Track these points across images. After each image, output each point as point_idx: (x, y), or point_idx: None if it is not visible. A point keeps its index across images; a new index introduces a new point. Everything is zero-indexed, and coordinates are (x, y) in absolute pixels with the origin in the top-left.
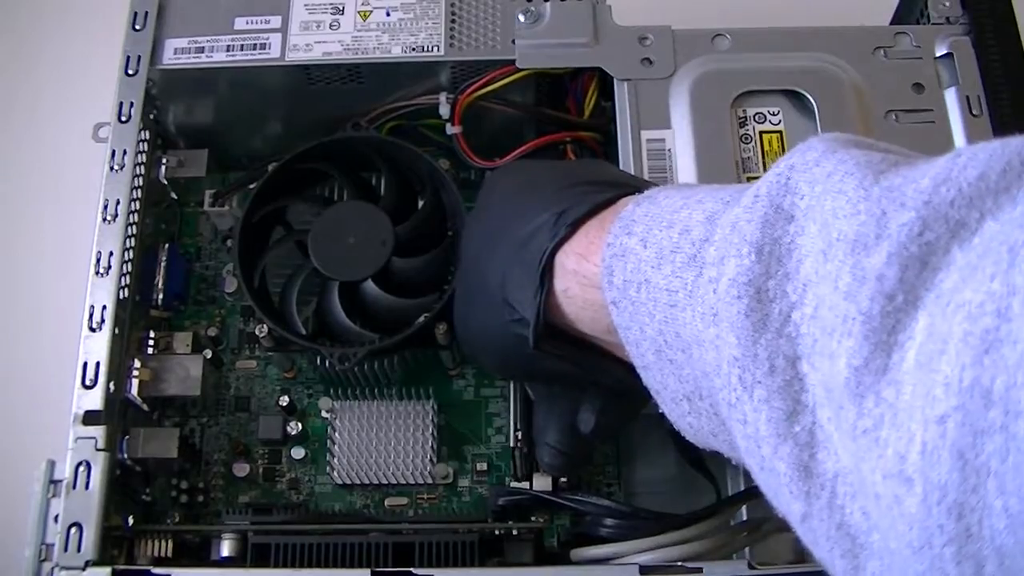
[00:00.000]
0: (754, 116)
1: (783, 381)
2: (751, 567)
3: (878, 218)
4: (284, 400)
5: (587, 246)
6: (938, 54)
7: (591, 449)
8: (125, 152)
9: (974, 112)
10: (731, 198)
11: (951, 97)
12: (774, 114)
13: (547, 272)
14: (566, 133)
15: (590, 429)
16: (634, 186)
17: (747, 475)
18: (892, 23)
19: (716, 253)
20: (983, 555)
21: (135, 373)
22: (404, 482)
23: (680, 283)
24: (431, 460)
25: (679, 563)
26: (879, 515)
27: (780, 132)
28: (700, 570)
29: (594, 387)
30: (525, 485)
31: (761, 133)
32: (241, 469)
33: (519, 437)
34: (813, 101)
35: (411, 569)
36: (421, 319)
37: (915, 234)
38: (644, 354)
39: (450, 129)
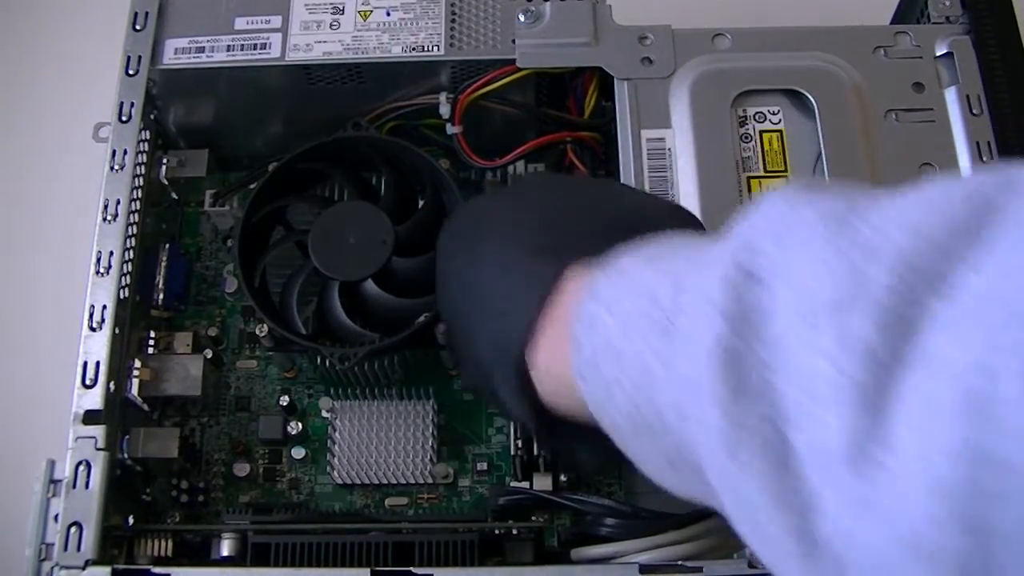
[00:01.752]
0: (754, 115)
1: (769, 446)
2: (751, 566)
3: (854, 278)
4: (284, 400)
5: (554, 339)
6: (938, 53)
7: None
8: (126, 152)
9: (974, 111)
10: (698, 260)
11: (951, 96)
12: (774, 113)
13: (524, 373)
14: (566, 133)
15: (591, 470)
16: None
17: None
18: (892, 23)
19: (686, 320)
20: None
21: (135, 373)
22: (404, 482)
23: (652, 353)
24: (431, 460)
25: (679, 562)
26: None
27: (780, 131)
28: (700, 569)
29: None
30: (525, 485)
31: (761, 132)
32: (241, 469)
33: (519, 445)
34: (813, 100)
35: (411, 568)
36: (421, 319)
37: (893, 292)
38: (619, 426)
39: (450, 129)
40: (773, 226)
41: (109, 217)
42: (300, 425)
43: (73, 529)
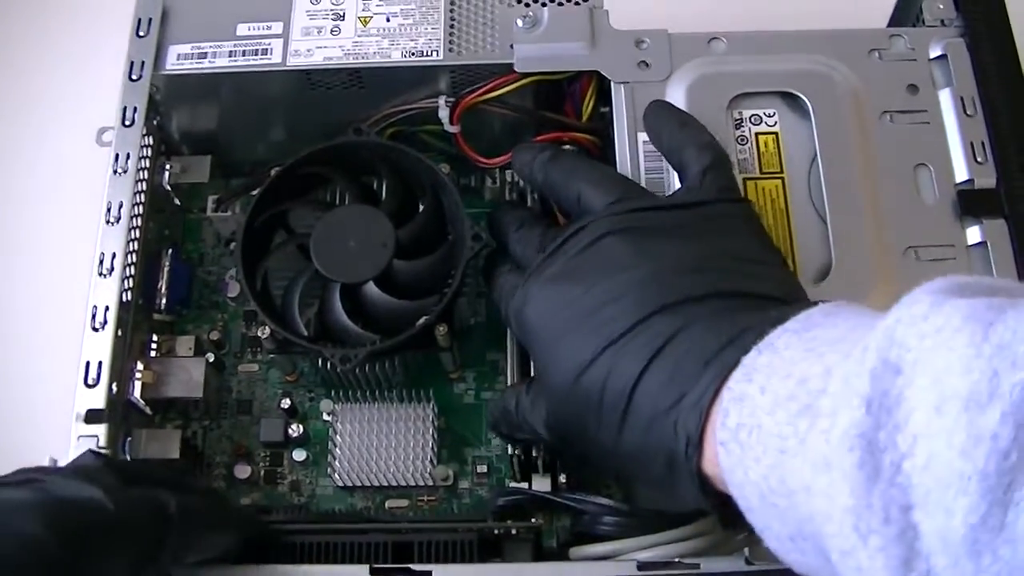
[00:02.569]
0: (750, 118)
1: (898, 530)
2: (748, 563)
3: (990, 377)
4: (286, 403)
5: (712, 422)
6: (932, 56)
7: None
8: (128, 156)
9: (968, 112)
10: (849, 351)
11: (945, 98)
12: (770, 116)
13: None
14: (563, 133)
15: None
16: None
17: None
18: (888, 26)
19: (829, 404)
20: None
21: (138, 375)
22: (404, 484)
23: (791, 430)
24: (431, 462)
25: (677, 560)
26: None
27: (776, 134)
28: (697, 566)
29: None
30: (524, 485)
31: (757, 135)
32: (243, 471)
33: (517, 447)
34: (808, 103)
35: (410, 566)
36: (422, 321)
37: None
38: (748, 496)
39: (449, 127)
40: (918, 323)
41: (112, 219)
42: (301, 428)
43: None
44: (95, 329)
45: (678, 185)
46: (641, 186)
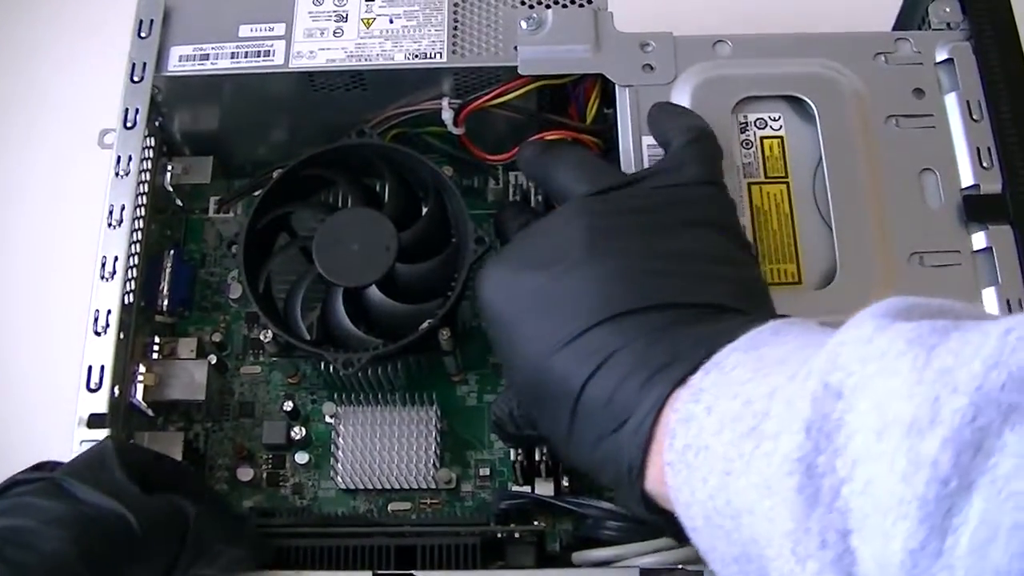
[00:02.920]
0: (755, 122)
1: (835, 554)
2: None
3: (932, 403)
4: (288, 405)
5: (658, 441)
6: (938, 59)
7: None
8: (130, 158)
9: (974, 117)
10: (794, 372)
11: (951, 102)
12: (775, 120)
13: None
14: (567, 135)
15: None
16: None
17: None
18: (894, 29)
19: (772, 427)
20: None
21: (140, 378)
22: (407, 487)
23: (737, 452)
24: (434, 465)
25: (679, 566)
26: None
27: (781, 137)
28: (700, 573)
29: None
30: (527, 489)
31: (762, 139)
32: (245, 473)
33: (519, 451)
34: (814, 106)
35: (413, 572)
36: (425, 325)
37: (968, 420)
38: (694, 516)
39: (455, 130)
40: (861, 348)
41: (114, 222)
42: (304, 430)
43: None
44: (97, 333)
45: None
46: (620, 171)
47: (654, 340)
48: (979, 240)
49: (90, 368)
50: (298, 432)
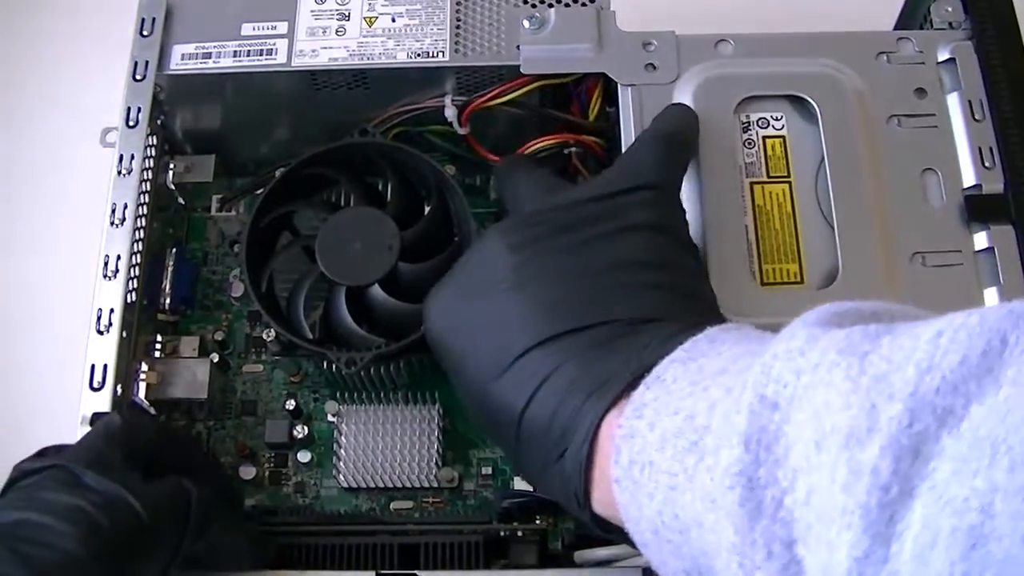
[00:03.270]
0: (757, 121)
1: (780, 565)
2: None
3: (868, 411)
4: (290, 404)
5: (604, 458)
6: (940, 59)
7: None
8: (133, 157)
9: (976, 117)
10: (732, 384)
11: (953, 101)
12: (777, 119)
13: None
14: (570, 135)
15: None
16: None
17: None
18: (895, 29)
19: (712, 442)
20: None
21: (142, 376)
22: (409, 485)
23: (680, 467)
24: (436, 464)
25: None
26: None
27: (783, 137)
28: None
29: None
30: (529, 487)
31: (764, 138)
32: (247, 472)
33: None
34: (816, 106)
35: (416, 572)
36: None
37: (905, 426)
38: (643, 532)
39: (460, 129)
40: (794, 359)
41: (116, 221)
42: (306, 429)
43: None
44: (100, 332)
45: (684, 188)
46: (567, 185)
47: (587, 360)
48: (981, 240)
49: (93, 367)
50: (300, 431)
